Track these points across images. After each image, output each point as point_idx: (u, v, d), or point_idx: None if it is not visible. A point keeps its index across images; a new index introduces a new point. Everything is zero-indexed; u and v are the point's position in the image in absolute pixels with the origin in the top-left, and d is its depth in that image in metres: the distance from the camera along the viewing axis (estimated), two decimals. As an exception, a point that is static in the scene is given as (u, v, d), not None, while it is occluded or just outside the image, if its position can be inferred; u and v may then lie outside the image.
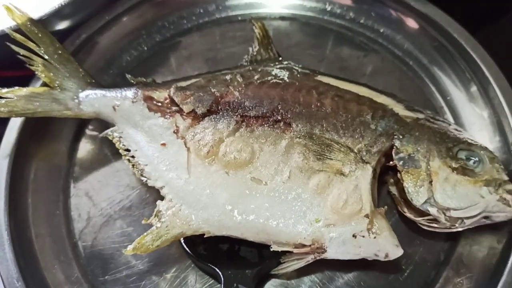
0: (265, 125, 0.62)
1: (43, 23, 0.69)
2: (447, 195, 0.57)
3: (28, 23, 0.67)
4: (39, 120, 0.68)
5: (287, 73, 0.69)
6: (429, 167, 0.59)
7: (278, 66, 0.71)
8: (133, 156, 0.65)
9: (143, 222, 0.59)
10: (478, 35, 0.74)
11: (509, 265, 0.58)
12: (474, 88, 0.73)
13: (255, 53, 0.74)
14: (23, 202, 0.65)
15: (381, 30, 0.82)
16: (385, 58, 0.79)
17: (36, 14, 0.68)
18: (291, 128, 0.62)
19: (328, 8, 0.84)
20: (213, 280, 0.61)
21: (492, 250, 0.62)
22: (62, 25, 0.75)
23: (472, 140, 0.63)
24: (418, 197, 0.58)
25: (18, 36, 0.66)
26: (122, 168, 0.69)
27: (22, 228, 0.63)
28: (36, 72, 0.67)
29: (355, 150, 0.60)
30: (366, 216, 0.57)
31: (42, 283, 0.60)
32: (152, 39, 0.83)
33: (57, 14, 0.71)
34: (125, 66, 0.80)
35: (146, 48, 0.82)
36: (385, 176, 0.66)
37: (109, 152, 0.71)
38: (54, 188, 0.68)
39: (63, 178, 0.70)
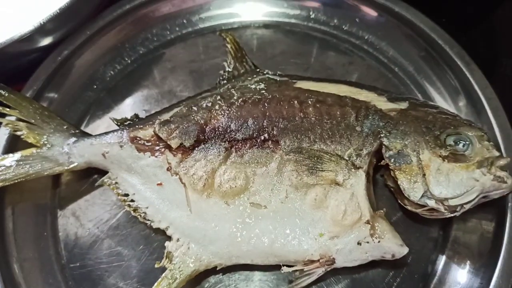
0: (254, 147, 0.63)
1: (26, 40, 0.70)
2: (442, 186, 0.58)
3: (4, 92, 0.67)
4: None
5: (266, 85, 0.69)
6: (420, 160, 0.59)
7: (256, 79, 0.71)
8: (132, 200, 0.66)
9: (156, 266, 0.61)
10: (467, 35, 0.73)
11: (506, 233, 0.60)
12: (462, 103, 0.72)
13: (231, 69, 0.74)
14: (7, 226, 0.66)
15: (366, 37, 0.81)
16: (371, 65, 0.79)
17: (18, 31, 0.69)
18: (280, 146, 0.62)
19: (312, 15, 0.83)
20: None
21: (486, 225, 0.63)
22: (45, 41, 0.75)
23: (459, 120, 0.63)
24: (414, 192, 0.59)
25: None
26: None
27: (8, 253, 0.64)
28: (22, 136, 0.68)
29: (345, 157, 0.61)
30: (367, 222, 0.58)
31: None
32: (135, 52, 0.83)
33: (40, 30, 0.71)
34: (109, 81, 0.80)
35: (129, 61, 0.82)
36: (380, 168, 0.67)
37: (95, 171, 0.70)
38: (41, 209, 0.69)
39: (50, 198, 0.70)
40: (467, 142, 0.60)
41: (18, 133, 0.68)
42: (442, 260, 0.63)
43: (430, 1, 0.76)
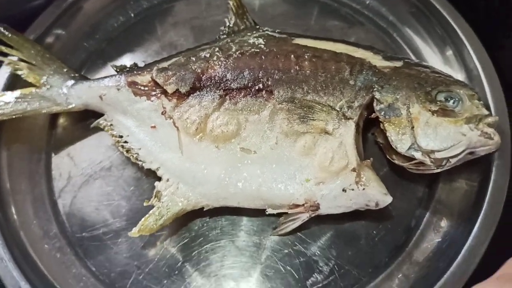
0: (248, 96, 0.64)
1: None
2: (429, 138, 0.59)
3: (7, 33, 0.69)
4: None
5: (265, 40, 0.69)
6: (409, 113, 0.60)
7: (255, 35, 0.71)
8: (126, 142, 0.67)
9: (144, 204, 0.62)
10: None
11: (488, 192, 0.60)
12: (449, 52, 0.73)
13: (231, 25, 0.75)
14: (2, 159, 0.67)
15: (367, 2, 0.82)
16: (370, 30, 0.80)
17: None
18: (273, 95, 0.63)
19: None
20: (187, 236, 0.63)
21: (470, 185, 0.64)
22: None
23: (451, 79, 0.64)
24: (402, 144, 0.60)
25: (1, 47, 0.69)
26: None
27: (1, 185, 0.65)
28: (23, 76, 0.69)
29: (337, 108, 0.62)
30: (353, 170, 0.59)
31: (17, 237, 0.62)
32: (139, 6, 0.83)
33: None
34: (111, 32, 0.81)
35: (133, 15, 0.83)
36: (372, 127, 0.68)
37: (91, 115, 0.71)
38: (36, 148, 0.70)
39: (45, 139, 0.71)
40: (457, 99, 0.61)
41: (19, 72, 0.69)
42: (425, 216, 0.64)
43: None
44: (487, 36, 0.73)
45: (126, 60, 0.78)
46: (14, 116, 0.67)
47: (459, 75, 0.70)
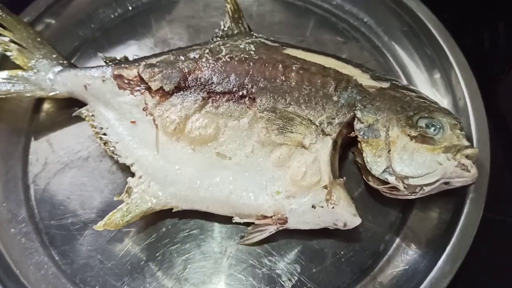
0: (231, 101, 0.64)
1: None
2: (404, 164, 0.58)
3: (1, 12, 0.69)
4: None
5: (256, 47, 0.69)
6: (388, 136, 0.60)
7: (247, 40, 0.71)
8: (105, 134, 0.67)
9: (115, 198, 0.62)
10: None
11: (456, 232, 0.59)
12: (437, 75, 0.73)
13: (225, 28, 0.74)
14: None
15: (365, 20, 0.81)
16: (364, 47, 0.79)
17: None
18: (255, 103, 0.63)
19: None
20: (154, 235, 0.63)
21: (443, 215, 0.63)
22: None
23: (436, 106, 0.63)
24: (376, 166, 0.59)
25: None
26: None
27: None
28: (11, 57, 0.69)
29: (317, 123, 0.61)
30: (325, 187, 0.58)
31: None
32: (138, 0, 0.84)
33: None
34: (107, 22, 0.82)
35: (130, 8, 0.83)
36: (352, 147, 0.67)
37: (75, 105, 0.71)
38: (16, 130, 0.70)
39: (28, 122, 0.72)
40: (438, 127, 0.60)
41: (8, 53, 0.70)
42: (395, 241, 0.63)
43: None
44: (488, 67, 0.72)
45: (118, 52, 0.77)
46: (-4, 97, 0.67)
47: (445, 100, 0.70)
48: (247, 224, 0.62)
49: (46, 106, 0.73)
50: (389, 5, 0.78)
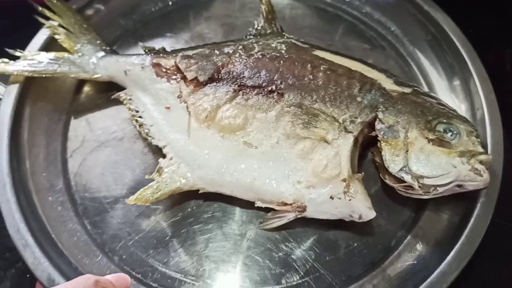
0: (260, 95, 0.68)
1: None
2: (421, 164, 0.61)
3: (56, 0, 0.75)
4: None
5: (287, 47, 0.73)
6: (407, 137, 0.63)
7: (279, 40, 0.75)
8: (140, 117, 0.71)
9: (146, 177, 0.66)
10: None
11: (465, 233, 0.62)
12: (457, 82, 0.76)
13: (259, 27, 0.79)
14: (25, 112, 0.72)
15: (392, 29, 0.85)
16: (389, 55, 0.83)
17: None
18: (283, 98, 0.67)
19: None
20: (179, 214, 0.67)
21: (453, 218, 0.66)
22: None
23: (455, 113, 0.66)
24: (394, 164, 0.63)
25: (45, 11, 0.75)
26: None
27: (21, 137, 0.70)
28: (59, 40, 0.75)
29: (340, 120, 0.65)
30: (344, 180, 0.62)
31: (26, 184, 0.67)
32: None
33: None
34: (147, 15, 0.87)
35: (170, 3, 0.88)
36: (372, 147, 0.71)
37: (114, 88, 0.76)
38: (58, 108, 0.75)
39: (69, 102, 0.77)
40: (455, 132, 0.63)
41: (56, 36, 0.75)
42: (406, 238, 0.66)
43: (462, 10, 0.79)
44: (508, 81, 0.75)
45: (156, 43, 0.82)
46: (44, 75, 0.72)
47: (463, 106, 0.73)
48: (267, 210, 0.66)
49: (86, 88, 0.78)
50: (416, 16, 0.82)
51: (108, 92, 0.77)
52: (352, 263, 0.64)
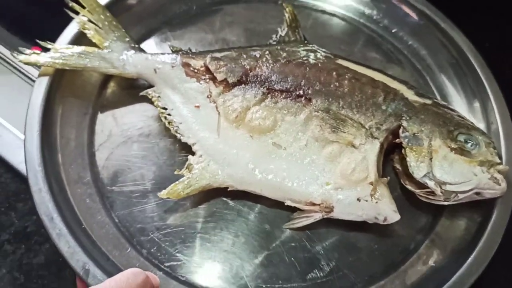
0: (288, 98, 0.70)
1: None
2: (444, 171, 0.65)
3: None
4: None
5: (312, 54, 0.76)
6: (430, 145, 0.66)
7: (303, 48, 0.78)
8: (169, 114, 0.73)
9: (175, 172, 0.68)
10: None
11: (484, 238, 0.65)
12: (476, 104, 0.80)
13: (283, 35, 0.82)
14: (57, 108, 0.73)
15: (409, 43, 0.89)
16: (406, 69, 0.86)
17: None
18: (311, 103, 0.70)
19: (367, 12, 0.92)
20: (207, 210, 0.69)
21: (470, 226, 0.70)
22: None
23: (473, 125, 0.70)
24: (418, 170, 0.66)
25: (76, 6, 0.76)
26: (151, 102, 0.76)
27: (50, 128, 0.70)
28: (88, 35, 0.75)
29: (366, 127, 0.68)
30: (371, 183, 0.65)
31: (58, 175, 0.67)
32: (203, 1, 0.91)
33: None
34: (172, 17, 0.88)
35: (194, 7, 0.90)
36: (391, 154, 0.74)
37: (141, 86, 0.78)
38: (85, 102, 0.76)
39: (95, 97, 0.77)
40: (475, 143, 0.67)
41: (86, 31, 0.76)
42: (424, 242, 0.69)
43: (476, 24, 0.83)
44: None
45: (181, 44, 0.84)
46: (75, 68, 0.72)
47: (480, 125, 0.77)
48: (292, 210, 0.68)
49: (112, 84, 0.79)
50: (440, 39, 0.86)
51: (133, 88, 0.78)
52: (373, 264, 0.67)
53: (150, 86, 0.76)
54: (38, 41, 0.73)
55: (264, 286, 0.64)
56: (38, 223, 0.60)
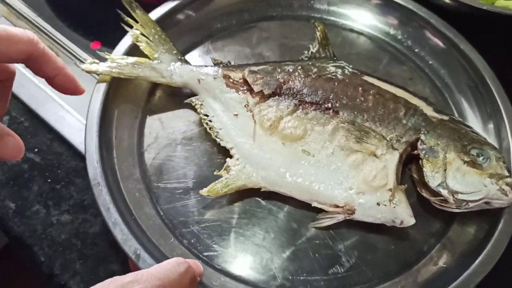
0: (318, 110, 0.78)
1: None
2: (457, 181, 0.72)
3: (138, 11, 0.85)
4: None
5: (340, 70, 0.84)
6: (445, 158, 0.74)
7: (332, 64, 0.86)
8: (210, 121, 0.81)
9: (215, 173, 0.76)
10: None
11: (490, 243, 0.72)
12: (490, 125, 0.87)
13: (314, 51, 0.90)
14: (112, 112, 0.81)
15: (430, 62, 0.96)
16: (426, 85, 0.93)
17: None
18: (338, 115, 0.78)
19: (392, 32, 0.99)
20: (241, 208, 0.76)
21: (478, 232, 0.76)
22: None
23: (485, 141, 0.77)
24: (433, 180, 0.73)
25: (130, 21, 0.85)
26: (193, 109, 0.84)
27: (108, 128, 0.79)
28: (141, 47, 0.85)
29: (388, 138, 0.76)
30: (390, 190, 0.72)
31: (113, 171, 0.76)
32: (241, 17, 0.99)
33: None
34: (213, 31, 0.97)
35: (234, 22, 0.99)
36: (409, 164, 0.81)
37: (185, 95, 0.86)
38: (136, 107, 0.85)
39: (144, 102, 0.86)
40: (486, 157, 0.74)
41: (138, 44, 0.85)
42: (436, 245, 0.76)
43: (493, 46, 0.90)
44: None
45: (221, 56, 0.93)
46: (129, 77, 0.81)
47: (492, 140, 0.83)
48: (317, 211, 0.76)
49: (159, 92, 0.88)
50: (456, 56, 0.93)
51: (177, 96, 0.87)
52: (390, 263, 0.74)
53: (193, 94, 0.85)
54: (98, 51, 0.83)
55: (290, 277, 0.72)
56: (93, 198, 0.70)
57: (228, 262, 0.73)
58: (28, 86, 0.93)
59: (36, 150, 0.89)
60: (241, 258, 0.73)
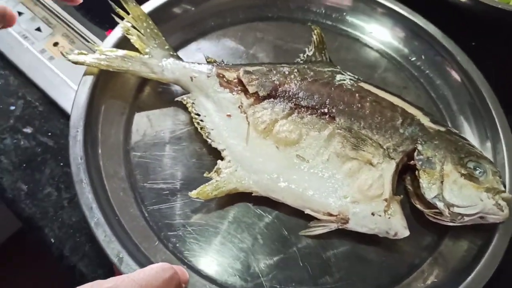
0: (314, 115, 0.76)
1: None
2: (453, 194, 0.70)
3: (130, 3, 0.82)
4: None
5: (337, 75, 0.82)
6: (442, 170, 0.72)
7: (329, 69, 0.84)
8: (202, 120, 0.78)
9: (205, 175, 0.73)
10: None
11: (484, 257, 0.71)
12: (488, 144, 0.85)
13: (310, 54, 0.88)
14: (99, 107, 0.78)
15: (426, 72, 0.94)
16: (421, 96, 0.92)
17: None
18: (335, 121, 0.76)
19: (388, 40, 0.98)
20: (230, 213, 0.74)
21: (471, 248, 0.75)
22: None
23: (482, 154, 0.76)
24: (429, 191, 0.71)
25: (121, 12, 0.81)
26: (183, 107, 0.82)
27: (93, 123, 0.76)
28: (131, 40, 0.81)
29: (384, 147, 0.74)
30: (385, 200, 0.70)
31: (98, 169, 0.73)
32: (236, 16, 0.96)
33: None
34: (207, 29, 0.94)
35: (229, 21, 0.96)
36: (403, 175, 0.79)
37: (175, 93, 0.83)
38: (124, 103, 0.82)
39: (132, 98, 0.83)
40: (483, 171, 0.73)
41: (129, 37, 0.81)
42: (428, 259, 0.74)
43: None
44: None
45: (213, 54, 0.89)
46: (117, 70, 0.78)
47: (487, 154, 0.82)
48: (309, 219, 0.73)
49: (148, 88, 0.84)
50: (453, 67, 0.92)
51: (167, 93, 0.84)
52: (380, 275, 0.72)
53: (184, 92, 0.82)
54: (92, 43, 0.79)
55: (278, 286, 0.69)
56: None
57: (215, 269, 0.69)
58: (43, 71, 0.91)
59: (50, 134, 0.86)
60: (228, 265, 0.70)
